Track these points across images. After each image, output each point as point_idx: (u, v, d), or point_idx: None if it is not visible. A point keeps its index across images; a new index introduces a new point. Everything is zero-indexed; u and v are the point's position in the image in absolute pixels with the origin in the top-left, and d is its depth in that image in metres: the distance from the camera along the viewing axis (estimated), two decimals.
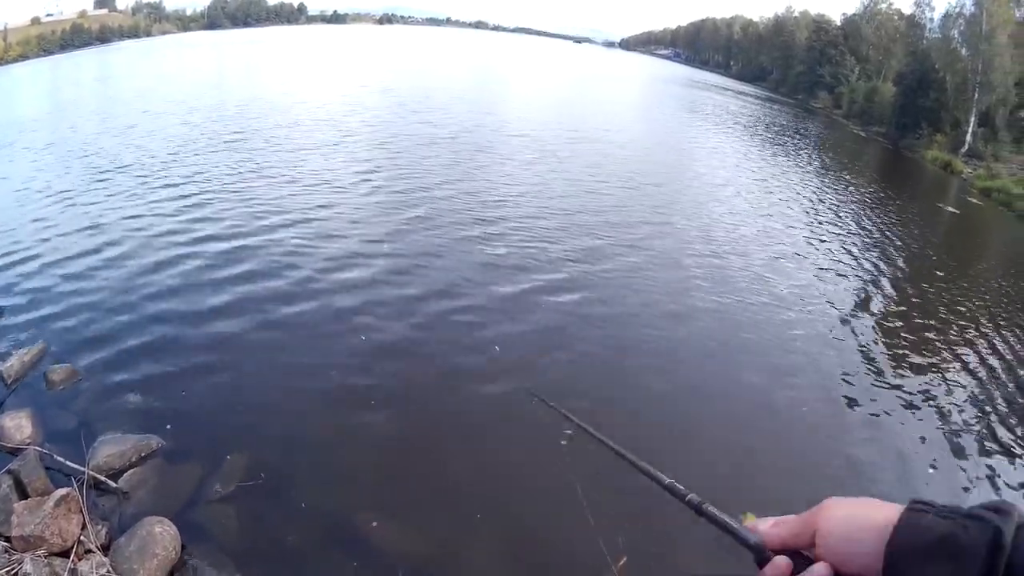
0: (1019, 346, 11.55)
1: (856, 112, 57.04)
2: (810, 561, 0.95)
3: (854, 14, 71.67)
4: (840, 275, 13.64)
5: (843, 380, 9.17)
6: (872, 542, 0.87)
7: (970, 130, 38.86)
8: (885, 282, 13.82)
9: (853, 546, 0.90)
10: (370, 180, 15.90)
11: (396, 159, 18.48)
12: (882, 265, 14.95)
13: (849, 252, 15.43)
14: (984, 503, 0.82)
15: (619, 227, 14.39)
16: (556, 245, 12.67)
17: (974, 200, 28.30)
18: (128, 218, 12.62)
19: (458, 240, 12.32)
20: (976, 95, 38.59)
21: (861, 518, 0.91)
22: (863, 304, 12.35)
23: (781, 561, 0.97)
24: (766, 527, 1.04)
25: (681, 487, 1.21)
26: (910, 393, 9.12)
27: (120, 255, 10.85)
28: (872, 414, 8.42)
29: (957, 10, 41.33)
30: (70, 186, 14.64)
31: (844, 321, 11.28)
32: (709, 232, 15.13)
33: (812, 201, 20.53)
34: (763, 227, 16.41)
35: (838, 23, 73.85)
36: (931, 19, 47.22)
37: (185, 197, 13.93)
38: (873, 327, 11.36)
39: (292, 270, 10.48)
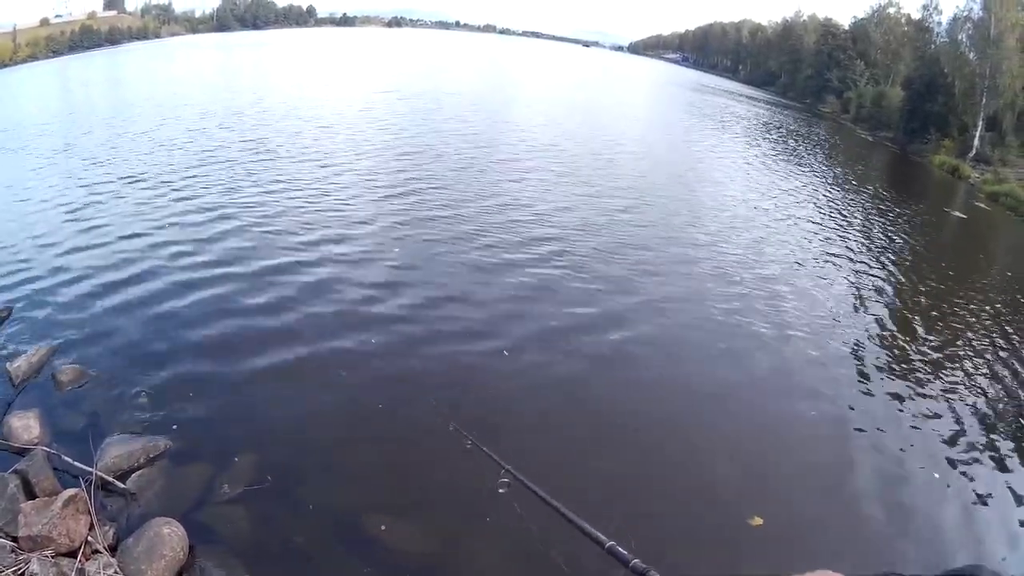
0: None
1: (864, 116, 57.00)
2: None
3: (862, 18, 71.61)
4: (847, 280, 13.61)
5: (849, 387, 9.14)
6: None
7: (978, 135, 38.76)
8: (893, 288, 13.79)
9: None
10: (381, 190, 15.80)
11: (406, 167, 18.37)
12: (890, 270, 14.90)
13: (857, 258, 15.39)
14: (953, 570, 0.83)
15: (630, 237, 14.36)
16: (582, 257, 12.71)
17: (982, 205, 28.23)
18: (138, 221, 12.63)
19: (469, 247, 12.24)
20: (984, 99, 38.49)
21: None
22: (871, 310, 12.29)
23: None
24: None
25: (624, 551, 1.16)
26: (916, 399, 9.09)
27: (129, 257, 10.87)
28: (876, 422, 8.38)
29: (965, 14, 41.30)
30: (82, 190, 14.66)
31: (850, 326, 11.24)
32: (715, 237, 15.12)
33: (820, 206, 20.49)
34: (771, 233, 16.37)
35: (846, 27, 73.74)
36: (939, 23, 47.23)
37: (193, 200, 13.96)
38: (881, 333, 11.31)
39: (301, 273, 10.50)
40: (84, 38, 74.86)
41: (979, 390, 9.79)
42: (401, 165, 18.35)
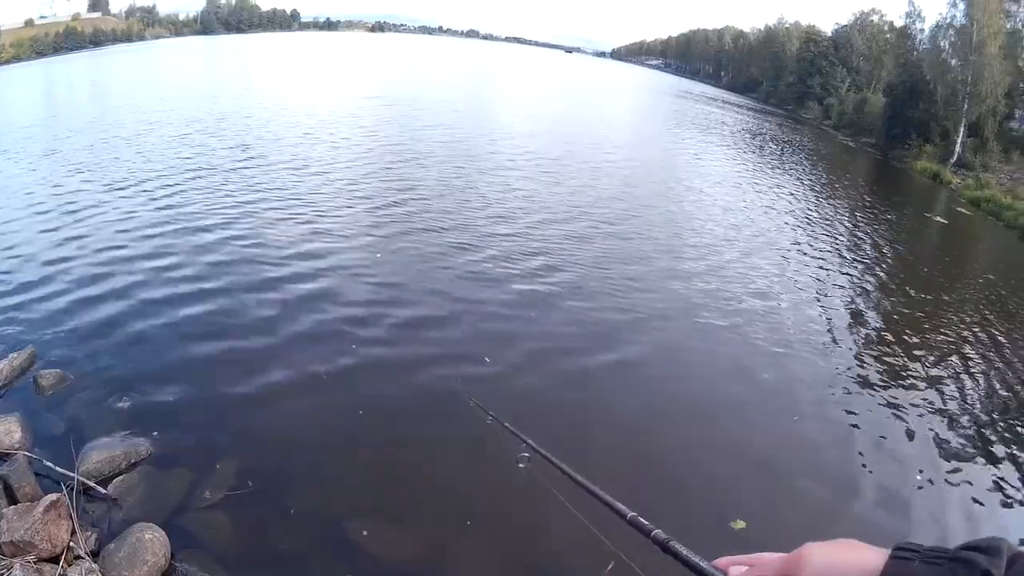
0: (1010, 353, 11.67)
1: (846, 123, 57.51)
2: None
3: (845, 25, 72.30)
4: (828, 286, 13.75)
5: (831, 392, 9.23)
6: None
7: (959, 140, 39.15)
8: (873, 293, 13.95)
9: None
10: (366, 200, 15.67)
11: (392, 176, 18.29)
12: (871, 276, 15.08)
13: (838, 264, 15.56)
14: (971, 542, 0.78)
15: (607, 239, 14.51)
16: (553, 259, 12.81)
17: (963, 210, 28.54)
18: (120, 225, 12.58)
19: (456, 261, 12.14)
20: (966, 106, 38.88)
21: (843, 566, 0.86)
22: (851, 315, 12.44)
23: None
24: (739, 571, 1.01)
25: (646, 522, 1.17)
26: (900, 403, 9.19)
27: (112, 262, 10.80)
28: (857, 425, 8.48)
29: (947, 21, 41.70)
30: (65, 196, 14.51)
31: (832, 332, 11.34)
32: (695, 244, 15.25)
33: (801, 213, 20.67)
34: (755, 243, 16.47)
35: (829, 34, 74.41)
36: (921, 30, 47.57)
37: (176, 208, 13.83)
38: (862, 338, 11.46)
39: (285, 283, 10.43)
40: (68, 40, 74.51)
41: (966, 390, 9.93)
42: (386, 174, 18.28)
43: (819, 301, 12.69)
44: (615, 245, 14.08)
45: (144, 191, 14.91)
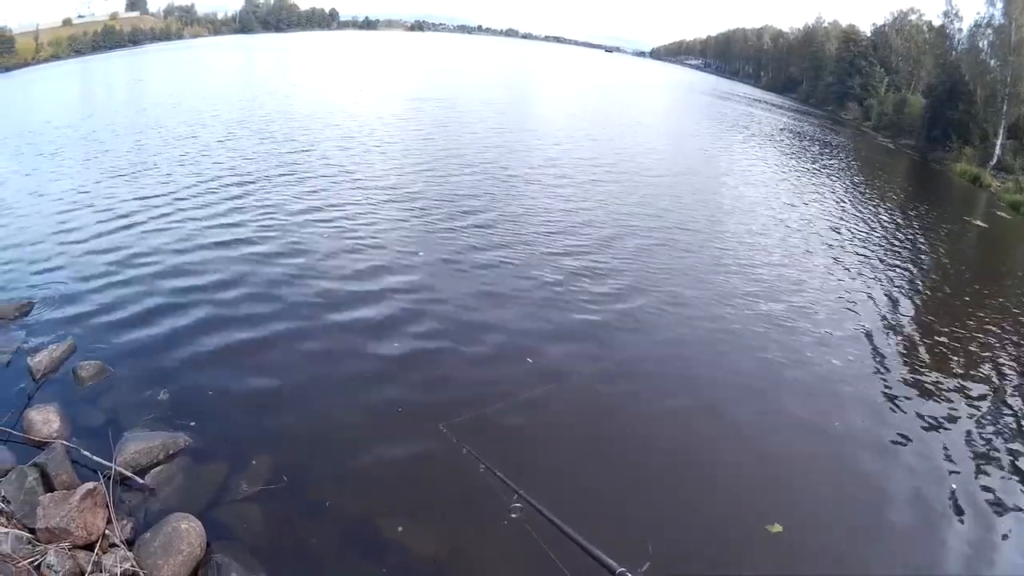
0: None
1: (885, 124, 56.54)
2: None
3: (883, 25, 71.07)
4: (871, 292, 13.43)
5: (869, 399, 9.03)
6: None
7: (999, 143, 38.33)
8: (917, 299, 13.66)
9: None
10: (408, 201, 15.59)
11: (435, 178, 18.12)
12: (911, 280, 14.77)
13: (878, 268, 15.23)
14: None
15: (656, 245, 14.33)
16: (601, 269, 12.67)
17: (1003, 214, 27.88)
18: (161, 221, 12.79)
19: (500, 261, 12.09)
20: (1005, 107, 38.07)
21: None
22: (888, 321, 12.14)
23: None
24: None
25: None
26: (938, 412, 8.95)
27: (152, 256, 10.97)
28: (894, 433, 8.28)
29: (985, 21, 40.86)
30: (110, 192, 14.78)
31: (869, 338, 11.09)
32: (736, 248, 15.04)
33: (841, 215, 20.36)
34: (793, 242, 16.31)
35: (868, 34, 73.16)
36: (959, 30, 46.58)
37: (219, 203, 14.08)
38: (899, 345, 11.17)
39: (324, 281, 10.47)
40: (107, 39, 75.79)
41: (1007, 403, 9.65)
42: (430, 176, 18.21)
43: (857, 306, 12.41)
44: (669, 261, 13.58)
45: (185, 188, 15.12)
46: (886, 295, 13.43)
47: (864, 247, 16.87)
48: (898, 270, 15.35)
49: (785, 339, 10.37)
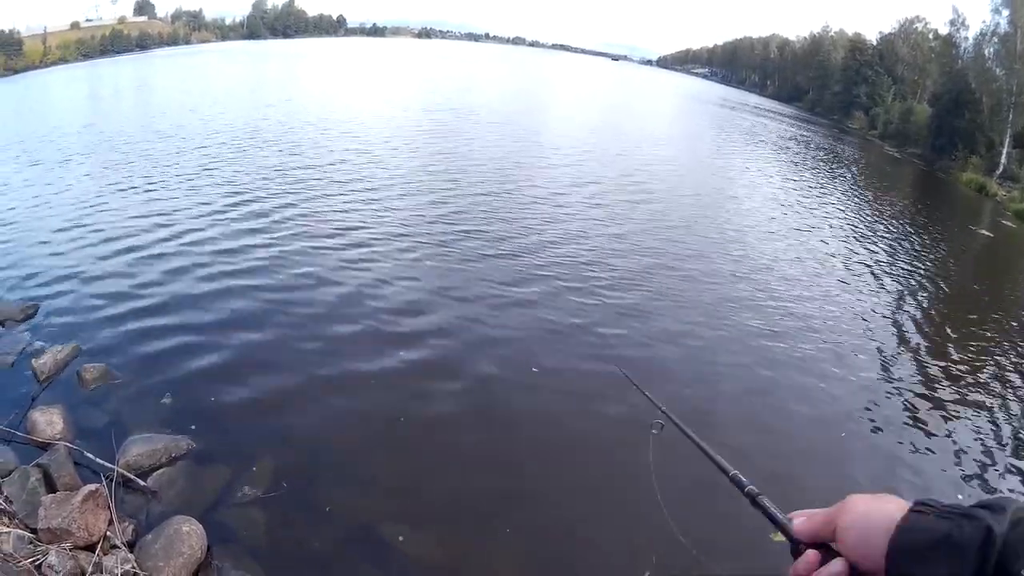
0: None
1: (891, 133, 56.47)
2: (836, 554, 1.01)
3: (889, 33, 71.02)
4: (876, 300, 13.40)
5: (870, 407, 8.98)
6: (881, 541, 0.93)
7: (1004, 152, 38.24)
8: (922, 309, 13.56)
9: (866, 543, 0.96)
10: (416, 209, 15.52)
11: (445, 186, 18.02)
12: (916, 289, 14.72)
13: (883, 276, 15.20)
14: (982, 501, 0.88)
15: (658, 253, 14.33)
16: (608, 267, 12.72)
17: (1008, 223, 27.82)
18: (166, 224, 12.82)
19: (507, 270, 12.02)
20: (1011, 116, 37.99)
21: (875, 517, 0.97)
22: (894, 331, 12.10)
23: (810, 554, 1.04)
24: (798, 521, 1.10)
25: (744, 479, 1.33)
26: (944, 422, 8.91)
27: (156, 260, 11.00)
28: (901, 441, 8.29)
29: (992, 29, 40.81)
30: (117, 196, 14.86)
31: (875, 347, 11.07)
32: (744, 254, 15.03)
33: (847, 224, 20.31)
34: (799, 250, 16.28)
35: (874, 43, 73.08)
36: (966, 39, 46.49)
37: (226, 212, 14.01)
38: (903, 354, 11.13)
39: (328, 288, 10.46)
40: (114, 43, 76.23)
41: (1013, 414, 9.61)
42: (439, 184, 18.13)
43: (864, 315, 12.39)
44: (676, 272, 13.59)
45: (195, 196, 15.10)
46: (891, 304, 13.40)
47: (869, 255, 16.80)
48: (903, 279, 15.29)
49: (787, 348, 10.32)
